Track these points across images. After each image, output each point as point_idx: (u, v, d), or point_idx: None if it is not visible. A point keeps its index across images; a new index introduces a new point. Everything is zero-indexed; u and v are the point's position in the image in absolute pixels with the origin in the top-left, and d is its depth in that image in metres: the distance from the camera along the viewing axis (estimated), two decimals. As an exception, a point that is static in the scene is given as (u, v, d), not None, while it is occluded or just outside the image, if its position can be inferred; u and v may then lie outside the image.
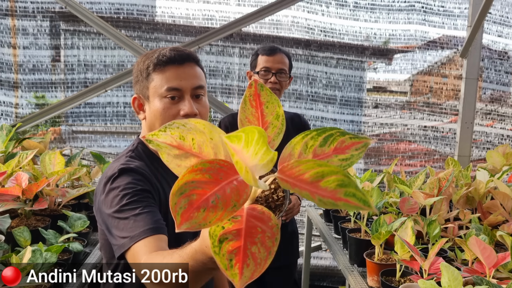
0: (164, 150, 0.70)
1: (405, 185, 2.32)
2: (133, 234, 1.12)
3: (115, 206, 1.18)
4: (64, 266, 1.75)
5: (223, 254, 0.62)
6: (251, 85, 0.73)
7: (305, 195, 0.60)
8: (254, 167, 0.60)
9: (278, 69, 2.22)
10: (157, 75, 1.29)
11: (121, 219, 1.16)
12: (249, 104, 0.73)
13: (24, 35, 3.26)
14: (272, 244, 0.62)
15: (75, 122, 3.43)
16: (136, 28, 3.34)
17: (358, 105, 3.64)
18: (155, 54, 1.31)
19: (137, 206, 1.18)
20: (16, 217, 2.03)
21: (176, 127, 0.70)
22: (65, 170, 2.16)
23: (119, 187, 1.21)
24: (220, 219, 0.60)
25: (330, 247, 2.36)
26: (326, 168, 0.60)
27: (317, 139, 0.69)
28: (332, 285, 3.76)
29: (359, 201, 0.59)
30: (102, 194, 1.24)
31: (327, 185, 0.60)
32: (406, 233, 1.72)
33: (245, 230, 0.63)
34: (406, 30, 3.48)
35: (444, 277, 1.30)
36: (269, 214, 0.64)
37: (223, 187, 0.61)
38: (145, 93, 1.32)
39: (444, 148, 3.66)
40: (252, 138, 0.57)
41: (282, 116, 0.72)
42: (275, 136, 0.72)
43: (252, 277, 0.61)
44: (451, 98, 3.66)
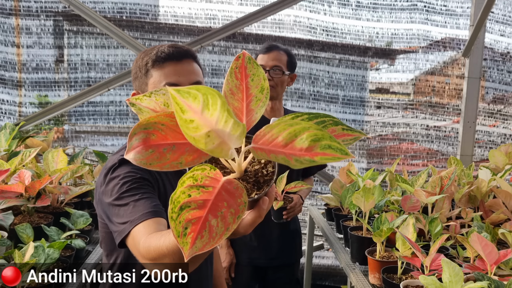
0: (145, 114, 0.69)
1: (407, 183, 2.32)
2: (133, 218, 1.14)
3: (115, 194, 1.20)
4: (66, 263, 1.75)
5: (180, 221, 0.61)
6: (239, 57, 0.72)
7: (282, 160, 0.59)
8: (227, 138, 0.59)
9: (273, 66, 2.21)
10: (155, 71, 1.31)
11: (121, 206, 1.18)
12: (234, 76, 0.72)
13: (28, 34, 3.28)
14: (233, 221, 0.61)
15: (78, 121, 3.44)
16: (139, 27, 3.36)
17: (361, 104, 3.64)
18: (153, 50, 1.33)
19: (136, 192, 1.20)
20: (19, 214, 2.04)
21: (162, 94, 0.69)
22: (67, 168, 2.17)
23: (119, 176, 1.22)
24: (160, 166, 0.60)
25: (332, 245, 2.36)
26: (298, 127, 0.59)
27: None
28: (334, 284, 3.76)
29: (336, 151, 0.58)
30: (102, 185, 1.25)
31: (301, 143, 0.59)
32: (407, 230, 1.72)
33: (212, 202, 0.62)
34: (408, 29, 3.48)
35: (445, 273, 1.30)
36: (242, 191, 0.63)
37: (185, 143, 0.61)
38: (144, 89, 1.34)
39: (447, 148, 3.66)
40: (214, 102, 0.56)
41: (267, 90, 0.71)
42: (258, 109, 0.71)
43: (202, 249, 0.60)
44: (453, 98, 3.66)
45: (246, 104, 0.71)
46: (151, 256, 1.00)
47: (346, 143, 0.68)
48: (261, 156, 0.62)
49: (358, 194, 2.04)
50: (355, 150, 3.66)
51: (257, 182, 0.68)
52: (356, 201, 2.07)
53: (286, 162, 0.59)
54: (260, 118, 1.90)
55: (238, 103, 0.71)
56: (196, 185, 0.63)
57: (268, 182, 0.68)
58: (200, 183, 0.64)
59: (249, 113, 0.70)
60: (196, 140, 0.58)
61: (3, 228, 1.76)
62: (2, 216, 1.77)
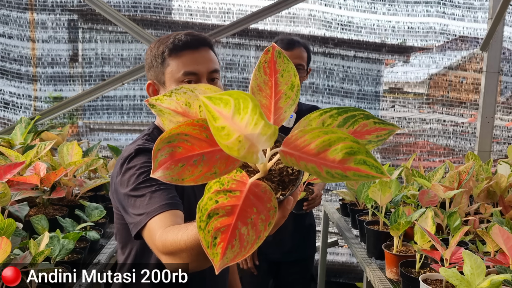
0: (167, 116, 0.66)
1: (424, 178, 2.28)
2: (149, 210, 1.11)
3: (131, 185, 1.18)
4: (81, 254, 1.75)
5: (209, 231, 0.57)
6: (268, 50, 0.67)
7: (312, 170, 0.55)
8: (256, 140, 0.55)
9: (296, 64, 2.16)
10: (173, 60, 1.29)
11: (138, 197, 1.16)
12: (262, 71, 0.67)
13: (43, 29, 3.30)
14: (264, 228, 0.57)
15: (92, 115, 3.45)
16: (153, 22, 3.36)
17: (376, 99, 3.60)
18: (169, 39, 1.31)
19: (153, 183, 1.17)
20: (34, 206, 2.05)
21: (183, 92, 0.65)
22: (82, 161, 2.17)
23: (136, 166, 1.21)
24: (194, 180, 0.56)
25: (347, 240, 2.33)
26: (333, 135, 0.55)
27: (336, 119, 0.64)
28: (349, 281, 3.72)
29: (371, 168, 0.54)
30: (118, 176, 1.24)
31: (334, 154, 0.55)
32: (426, 223, 1.68)
33: (241, 208, 0.58)
34: (425, 23, 3.43)
35: (467, 265, 1.26)
36: (270, 195, 0.59)
37: (214, 151, 0.57)
38: (161, 78, 1.32)
39: (464, 144, 3.60)
40: (245, 106, 0.52)
41: (298, 87, 0.67)
42: (287, 108, 0.66)
43: (234, 259, 0.56)
44: (471, 93, 3.59)
45: (274, 101, 0.67)
46: (168, 250, 0.98)
47: (381, 138, 0.63)
48: (290, 162, 0.59)
49: (375, 187, 2.01)
50: (370, 146, 3.62)
51: (282, 181, 0.65)
52: (372, 194, 2.04)
53: (316, 173, 0.55)
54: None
55: (266, 100, 0.67)
56: (223, 189, 0.60)
57: (294, 181, 0.64)
58: (227, 187, 0.60)
59: (277, 111, 0.66)
60: (229, 148, 0.54)
61: (19, 219, 1.77)
62: (18, 207, 1.77)
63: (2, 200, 1.71)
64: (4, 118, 3.33)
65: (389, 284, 1.76)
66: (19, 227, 1.73)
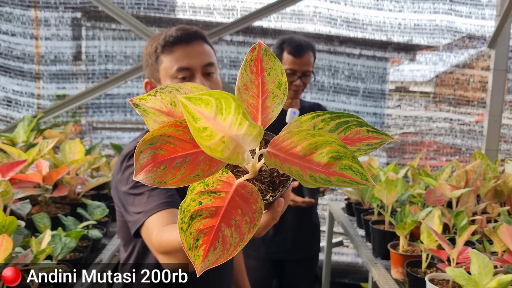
0: (151, 116, 0.63)
1: (430, 177, 2.25)
2: (147, 209, 1.11)
3: (131, 182, 1.18)
4: (83, 252, 1.74)
5: (191, 233, 0.56)
6: (254, 48, 0.65)
7: (295, 172, 0.54)
8: (242, 140, 0.54)
9: (304, 71, 2.18)
10: (165, 56, 1.28)
11: (136, 195, 1.15)
12: (249, 70, 0.65)
13: (46, 26, 3.29)
14: (248, 230, 0.56)
15: (95, 113, 3.44)
16: (156, 19, 3.34)
17: (381, 97, 3.56)
18: (161, 35, 1.30)
19: (142, 184, 1.16)
20: (37, 204, 2.04)
21: (168, 91, 0.63)
22: (85, 159, 2.15)
23: (131, 166, 1.19)
24: (176, 183, 0.55)
25: (353, 240, 2.30)
26: (320, 138, 0.54)
27: (328, 123, 0.62)
28: (354, 282, 3.69)
29: (356, 174, 0.53)
30: (119, 173, 1.23)
31: (320, 158, 0.54)
32: (433, 222, 1.66)
33: (225, 210, 0.57)
34: (431, 20, 3.39)
35: (474, 264, 1.24)
36: (257, 196, 0.58)
37: (197, 153, 0.56)
38: (156, 76, 1.31)
39: (471, 143, 3.55)
40: (228, 106, 0.50)
41: (285, 85, 0.65)
42: (275, 107, 0.64)
43: (216, 262, 0.55)
44: (478, 91, 3.55)
45: (261, 100, 0.65)
46: (164, 249, 0.97)
47: (371, 147, 0.62)
48: (274, 164, 0.57)
49: (381, 186, 1.98)
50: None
51: (273, 182, 0.63)
52: (378, 193, 2.01)
53: (299, 176, 0.54)
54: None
55: (253, 100, 0.65)
56: (208, 190, 0.59)
57: (284, 183, 0.63)
58: (212, 188, 0.59)
59: (264, 110, 0.65)
60: (212, 149, 0.53)
61: (21, 218, 1.76)
62: (20, 205, 1.76)
63: (4, 198, 1.70)
64: (7, 116, 3.32)
65: (395, 284, 1.73)
66: (21, 225, 1.72)
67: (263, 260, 2.32)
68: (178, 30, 1.29)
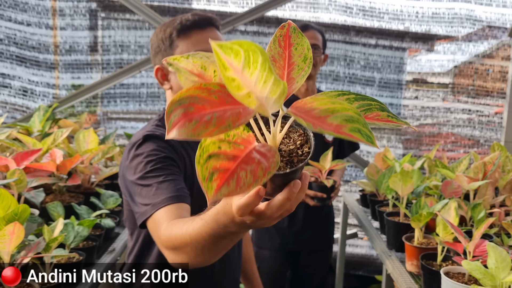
0: (183, 74, 0.68)
1: (447, 169, 2.20)
2: (155, 202, 1.10)
3: (138, 173, 1.17)
4: (96, 241, 1.75)
5: (207, 167, 0.58)
6: (284, 26, 0.70)
7: (306, 125, 0.57)
8: (264, 100, 0.56)
9: (311, 44, 2.16)
10: (181, 41, 1.28)
11: (144, 186, 1.14)
12: (277, 43, 0.70)
13: (61, 16, 3.30)
14: (263, 174, 0.57)
15: (110, 103, 3.45)
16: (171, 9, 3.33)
17: (398, 87, 3.50)
18: (176, 21, 1.29)
19: (160, 173, 1.16)
20: (51, 193, 2.05)
21: (199, 57, 0.68)
22: (98, 148, 2.16)
23: (143, 153, 1.19)
24: (210, 134, 0.56)
25: (367, 231, 2.28)
26: (338, 106, 0.58)
27: (351, 102, 0.66)
28: (368, 274, 3.66)
29: (363, 136, 0.56)
30: (126, 161, 1.22)
31: (333, 120, 0.57)
32: (449, 214, 1.62)
33: (242, 159, 0.59)
34: (450, 8, 3.30)
35: (491, 258, 1.20)
36: (274, 153, 0.60)
37: (225, 109, 0.57)
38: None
39: (490, 134, 3.48)
40: (255, 60, 0.52)
41: (310, 59, 0.68)
42: (299, 78, 0.68)
43: (228, 195, 0.57)
44: (498, 82, 3.47)
45: (287, 72, 0.69)
46: (172, 244, 0.95)
47: (386, 126, 0.66)
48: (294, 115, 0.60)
49: (396, 177, 1.95)
50: (391, 135, 3.53)
51: (291, 161, 0.65)
52: (393, 185, 1.98)
53: (310, 127, 0.57)
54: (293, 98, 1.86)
55: (279, 71, 0.69)
56: (228, 140, 0.61)
57: (301, 162, 0.65)
58: (232, 139, 0.61)
59: (289, 81, 0.68)
60: (240, 98, 0.56)
61: (35, 206, 1.77)
62: (34, 193, 1.77)
63: (18, 187, 1.71)
64: (23, 105, 3.35)
65: (409, 277, 1.71)
66: (35, 214, 1.73)
67: (278, 251, 2.31)
68: (194, 15, 1.30)
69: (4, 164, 1.79)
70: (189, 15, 1.30)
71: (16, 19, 3.24)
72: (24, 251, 1.38)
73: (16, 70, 3.29)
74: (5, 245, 1.28)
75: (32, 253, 1.36)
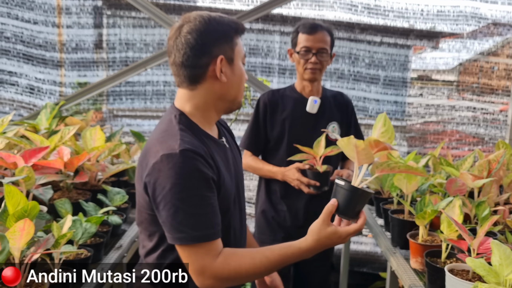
0: None
1: (452, 167, 2.21)
2: (199, 234, 1.18)
3: (178, 193, 1.17)
4: (103, 238, 1.77)
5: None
6: None
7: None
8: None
9: (319, 48, 2.14)
10: (238, 39, 1.34)
11: (185, 210, 1.17)
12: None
13: (68, 14, 3.32)
14: None
15: (116, 101, 3.48)
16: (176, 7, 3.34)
17: (403, 85, 3.50)
18: (228, 19, 1.33)
19: (200, 202, 1.19)
20: (59, 190, 2.08)
21: None
22: (105, 146, 2.18)
23: (181, 173, 1.17)
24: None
25: (372, 229, 2.29)
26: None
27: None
28: (373, 271, 3.67)
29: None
30: (159, 171, 1.18)
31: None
32: (453, 212, 1.63)
33: None
34: (455, 6, 3.29)
35: (495, 255, 1.21)
36: None
37: None
38: (230, 55, 1.31)
39: (495, 132, 3.48)
40: None
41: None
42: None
43: None
44: (503, 79, 3.46)
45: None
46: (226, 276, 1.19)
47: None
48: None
49: (400, 175, 1.96)
50: (396, 133, 3.54)
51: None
52: (397, 182, 1.99)
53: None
54: (299, 97, 1.90)
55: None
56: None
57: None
58: None
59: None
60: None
61: (43, 203, 1.79)
62: (42, 190, 1.79)
63: (27, 184, 1.73)
64: (30, 103, 3.38)
65: (414, 274, 1.72)
66: (43, 210, 1.76)
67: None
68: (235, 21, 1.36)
69: (13, 161, 1.82)
70: (233, 19, 1.37)
71: (23, 18, 3.26)
72: (33, 247, 1.40)
73: (23, 68, 3.32)
74: (16, 241, 1.30)
75: (41, 249, 1.38)
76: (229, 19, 1.33)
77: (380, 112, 3.47)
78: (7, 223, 1.40)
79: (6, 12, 3.24)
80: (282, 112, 2.22)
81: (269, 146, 2.25)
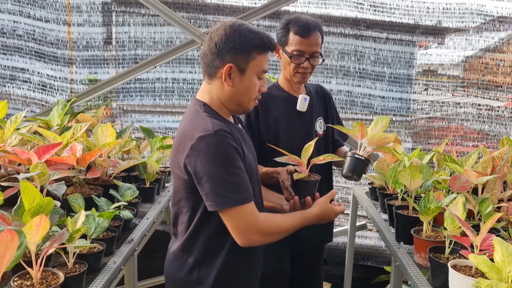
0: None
1: (456, 163, 2.23)
2: (243, 197, 1.42)
3: (220, 166, 1.40)
4: (115, 232, 1.81)
5: None
6: None
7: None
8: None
9: (312, 52, 2.05)
10: (259, 55, 1.49)
11: (228, 180, 1.40)
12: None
13: (78, 12, 3.37)
14: None
15: (126, 97, 3.53)
16: (184, 4, 3.37)
17: (408, 82, 3.52)
18: (256, 35, 1.48)
19: (238, 171, 1.43)
20: (71, 185, 2.12)
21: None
22: (116, 142, 2.22)
23: (220, 149, 1.40)
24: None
25: (376, 224, 2.33)
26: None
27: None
28: (377, 265, 3.72)
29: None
30: (198, 151, 1.40)
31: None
32: (457, 208, 1.66)
33: None
34: (461, 3, 3.31)
35: (498, 252, 1.24)
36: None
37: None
38: (242, 66, 1.47)
39: (499, 128, 3.50)
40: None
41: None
42: None
43: None
44: (508, 76, 3.47)
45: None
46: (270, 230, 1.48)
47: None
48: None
49: (405, 172, 1.99)
50: (400, 129, 3.56)
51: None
52: (402, 179, 2.02)
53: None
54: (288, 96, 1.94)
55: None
56: None
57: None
58: None
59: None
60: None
61: (56, 198, 1.83)
62: (56, 186, 1.84)
63: (41, 179, 1.78)
64: (42, 100, 3.44)
65: (417, 269, 1.76)
66: (57, 206, 1.80)
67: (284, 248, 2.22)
68: (267, 37, 1.50)
69: (27, 157, 1.86)
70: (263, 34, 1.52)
71: (34, 16, 3.32)
72: (49, 242, 1.45)
73: (35, 65, 3.38)
74: (32, 236, 1.34)
75: (57, 243, 1.43)
76: (259, 35, 1.47)
77: (386, 109, 3.50)
78: (23, 218, 1.44)
79: (18, 11, 3.30)
80: (274, 113, 2.13)
81: (264, 151, 2.08)
